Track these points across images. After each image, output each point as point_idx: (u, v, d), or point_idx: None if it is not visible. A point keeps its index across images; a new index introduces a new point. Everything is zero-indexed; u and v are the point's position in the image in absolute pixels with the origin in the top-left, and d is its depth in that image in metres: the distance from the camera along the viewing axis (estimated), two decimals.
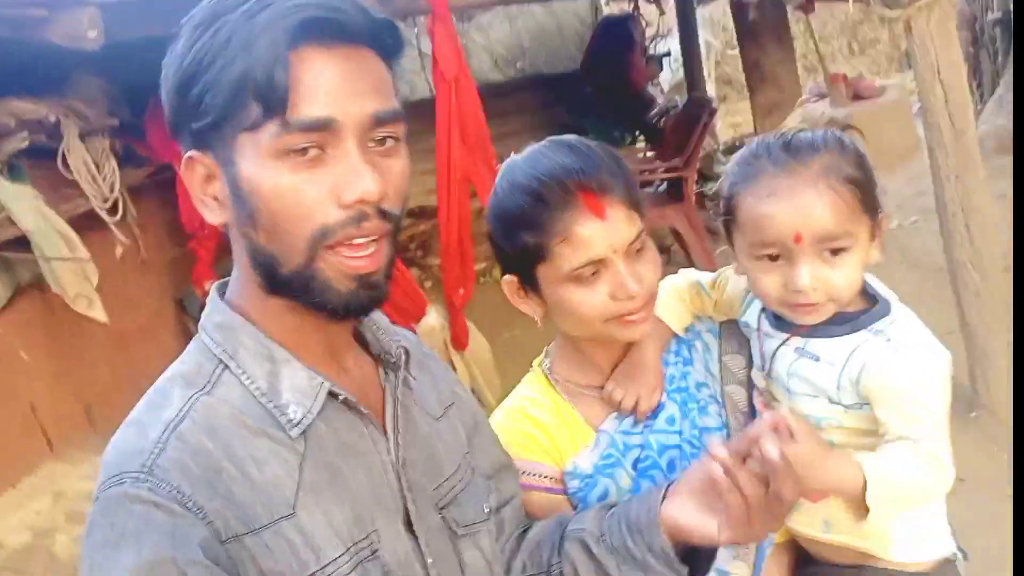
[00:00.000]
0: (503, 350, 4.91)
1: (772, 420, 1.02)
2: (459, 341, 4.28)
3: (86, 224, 4.14)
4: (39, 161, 3.99)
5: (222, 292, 1.01)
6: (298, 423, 0.93)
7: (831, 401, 1.16)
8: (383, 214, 0.90)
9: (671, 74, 9.09)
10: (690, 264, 5.88)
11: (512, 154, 1.27)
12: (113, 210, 4.27)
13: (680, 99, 7.18)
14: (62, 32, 2.94)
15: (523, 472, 1.25)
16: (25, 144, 3.86)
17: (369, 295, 0.93)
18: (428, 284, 6.64)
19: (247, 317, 0.96)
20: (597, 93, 7.28)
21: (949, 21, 3.40)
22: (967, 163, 3.47)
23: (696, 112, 6.11)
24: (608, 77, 7.05)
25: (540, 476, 1.25)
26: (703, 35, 9.54)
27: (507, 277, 1.26)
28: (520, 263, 1.22)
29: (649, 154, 6.58)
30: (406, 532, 1.00)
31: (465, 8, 6.29)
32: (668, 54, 8.55)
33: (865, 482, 1.06)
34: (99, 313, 4.02)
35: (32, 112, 3.82)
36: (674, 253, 6.01)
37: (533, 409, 1.29)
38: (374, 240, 0.91)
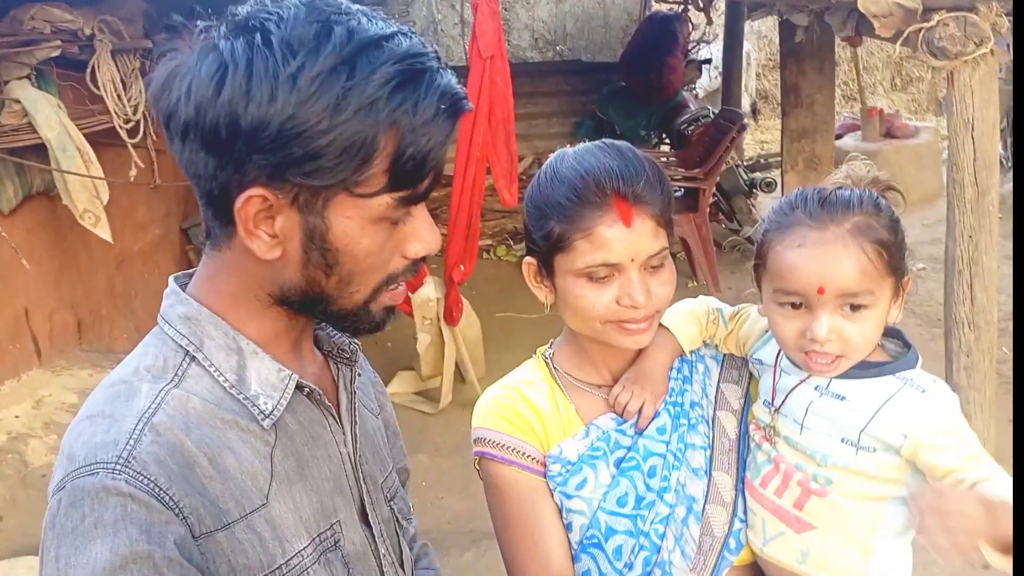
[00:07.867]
0: (497, 329, 4.92)
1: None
2: (451, 315, 4.30)
3: (104, 141, 4.15)
4: (68, 72, 4.00)
5: (183, 284, 0.99)
6: (270, 414, 0.94)
7: (843, 440, 1.20)
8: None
9: (708, 81, 9.02)
10: (692, 273, 5.88)
11: (563, 147, 1.31)
12: (133, 132, 4.28)
13: (713, 109, 7.13)
14: None
15: (504, 447, 1.28)
16: (57, 53, 3.86)
17: (391, 319, 1.00)
18: (436, 252, 6.62)
19: (213, 310, 0.95)
20: (630, 89, 7.23)
21: (992, 80, 3.37)
22: (983, 223, 3.45)
23: (725, 126, 6.07)
24: (644, 74, 6.98)
25: (523, 455, 1.27)
26: (746, 46, 9.45)
27: (528, 259, 1.31)
28: (543, 248, 1.26)
29: (672, 159, 6.55)
30: (361, 523, 1.04)
31: None
32: (709, 61, 8.45)
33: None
34: (104, 232, 4.04)
35: (67, 21, 3.81)
36: (679, 261, 6.00)
37: (530, 391, 1.32)
38: None
